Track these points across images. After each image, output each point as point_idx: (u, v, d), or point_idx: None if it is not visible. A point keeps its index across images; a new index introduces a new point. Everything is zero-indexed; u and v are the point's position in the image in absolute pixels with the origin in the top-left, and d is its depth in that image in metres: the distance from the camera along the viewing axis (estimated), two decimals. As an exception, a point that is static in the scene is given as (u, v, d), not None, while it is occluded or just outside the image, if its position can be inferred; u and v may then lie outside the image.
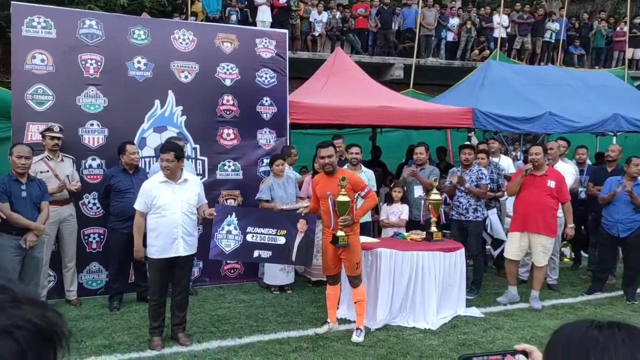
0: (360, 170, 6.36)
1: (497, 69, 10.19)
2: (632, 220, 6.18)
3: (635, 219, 6.17)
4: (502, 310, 5.86)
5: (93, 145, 6.08)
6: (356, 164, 6.43)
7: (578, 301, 6.28)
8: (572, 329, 1.00)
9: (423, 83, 13.18)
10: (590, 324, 0.98)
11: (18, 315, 0.73)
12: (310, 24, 14.23)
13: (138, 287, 5.94)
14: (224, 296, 6.21)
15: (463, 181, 6.15)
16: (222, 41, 6.70)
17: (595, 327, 0.97)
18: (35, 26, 5.83)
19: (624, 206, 6.21)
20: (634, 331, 0.94)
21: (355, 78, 8.65)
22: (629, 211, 6.17)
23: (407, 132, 10.84)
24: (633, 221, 6.18)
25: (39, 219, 4.95)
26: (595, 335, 0.95)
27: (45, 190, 5.10)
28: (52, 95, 5.89)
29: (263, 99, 6.89)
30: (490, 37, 15.30)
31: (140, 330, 5.02)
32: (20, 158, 4.79)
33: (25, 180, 4.89)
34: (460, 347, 4.74)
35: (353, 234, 4.85)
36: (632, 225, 6.18)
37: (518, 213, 6.05)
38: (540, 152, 5.84)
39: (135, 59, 6.23)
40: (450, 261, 5.48)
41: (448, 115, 8.24)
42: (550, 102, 9.10)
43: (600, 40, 16.28)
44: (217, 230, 4.86)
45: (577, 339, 0.97)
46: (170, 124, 6.40)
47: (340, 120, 7.63)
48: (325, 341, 4.82)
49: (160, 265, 4.58)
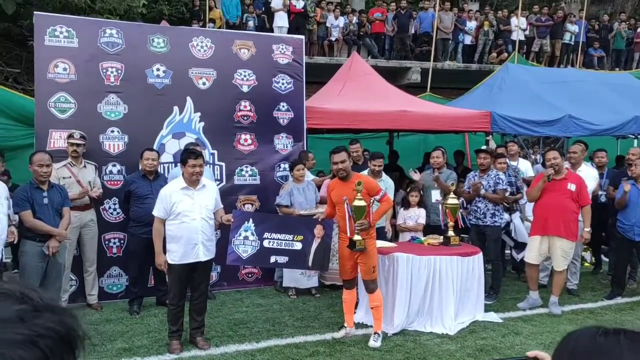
0: (380, 178, 6.34)
1: (515, 72, 10.10)
2: None
3: None
4: (521, 315, 5.81)
5: (113, 152, 6.19)
6: (377, 173, 6.40)
7: (598, 306, 6.20)
8: (579, 335, 1.01)
9: (440, 87, 13.14)
10: (597, 330, 0.99)
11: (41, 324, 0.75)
12: (327, 29, 14.30)
13: (157, 291, 6.03)
14: (241, 300, 6.26)
15: (478, 189, 6.13)
16: (239, 48, 6.77)
17: (602, 333, 0.98)
18: (57, 36, 5.96)
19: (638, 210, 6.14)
20: None
21: (372, 82, 8.65)
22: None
23: (425, 136, 10.80)
24: None
25: (61, 225, 5.04)
26: (602, 342, 0.96)
27: (66, 196, 5.19)
28: (74, 103, 6.01)
29: (280, 104, 6.95)
30: (508, 40, 15.21)
31: (159, 334, 5.08)
32: (42, 167, 4.89)
33: (47, 187, 4.99)
34: (478, 353, 4.71)
35: (369, 237, 4.86)
36: None
37: (538, 217, 6.01)
38: (557, 156, 5.80)
39: (154, 67, 6.34)
40: (468, 266, 5.45)
41: (465, 119, 8.20)
42: (570, 105, 9.00)
43: (620, 42, 16.07)
44: (234, 236, 4.90)
45: (583, 345, 0.98)
46: (188, 130, 6.49)
47: (357, 125, 7.64)
48: (343, 346, 4.83)
49: (180, 271, 4.63)
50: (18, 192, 4.96)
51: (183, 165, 4.62)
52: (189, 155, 4.64)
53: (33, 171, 4.95)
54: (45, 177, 4.94)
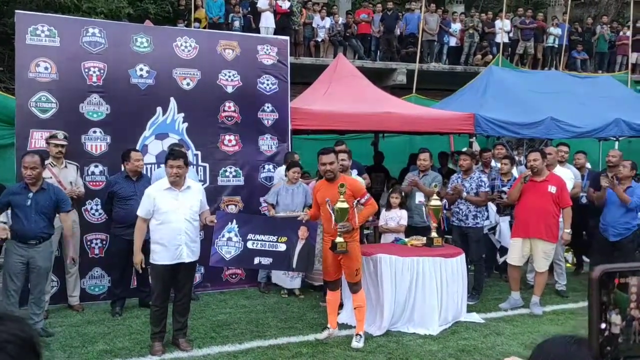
0: None
1: (498, 75, 10.21)
2: (622, 224, 6.24)
3: (627, 224, 6.22)
4: (503, 315, 5.86)
5: (96, 152, 6.14)
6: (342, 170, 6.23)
7: (579, 307, 6.26)
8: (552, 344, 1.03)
9: (426, 88, 13.20)
10: (570, 339, 1.01)
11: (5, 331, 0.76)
12: (313, 29, 14.29)
13: (140, 292, 5.99)
14: (225, 301, 6.24)
15: (460, 192, 6.19)
16: (223, 48, 6.76)
17: (575, 342, 0.99)
18: (39, 35, 5.90)
19: (615, 209, 6.27)
20: None
21: (357, 84, 8.68)
22: (619, 214, 6.23)
23: (410, 137, 10.85)
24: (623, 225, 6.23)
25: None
26: (574, 350, 0.97)
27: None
28: (56, 103, 5.95)
29: (264, 105, 6.94)
30: (493, 42, 15.33)
31: (141, 335, 5.05)
32: (26, 169, 4.76)
33: (36, 189, 4.85)
34: (459, 353, 4.75)
35: (352, 240, 4.87)
36: (622, 231, 6.24)
37: (519, 219, 6.07)
38: (538, 158, 5.85)
39: (137, 67, 6.30)
40: (450, 267, 5.49)
41: (449, 121, 8.26)
42: (552, 107, 9.10)
43: (603, 45, 16.27)
44: (217, 237, 4.88)
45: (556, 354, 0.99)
46: (171, 131, 6.46)
47: (342, 126, 7.67)
48: (325, 347, 4.84)
49: (163, 272, 4.61)
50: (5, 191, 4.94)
51: (165, 166, 4.63)
52: (168, 155, 4.68)
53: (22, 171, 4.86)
54: (30, 179, 4.79)
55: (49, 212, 4.92)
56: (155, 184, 4.79)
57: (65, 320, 5.50)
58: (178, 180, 4.59)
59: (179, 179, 4.58)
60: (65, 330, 5.20)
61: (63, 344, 4.84)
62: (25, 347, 0.79)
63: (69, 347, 4.78)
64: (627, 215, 6.27)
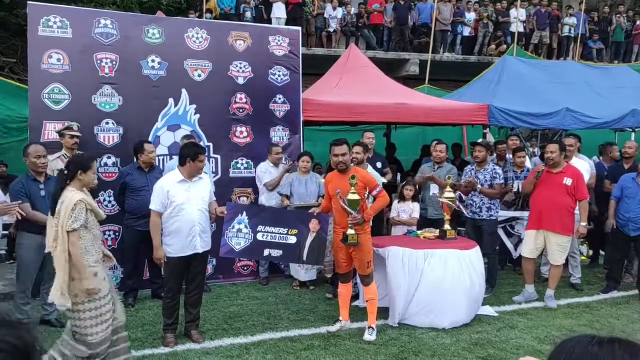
0: None
1: (513, 65, 10.07)
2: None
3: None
4: (517, 308, 5.81)
5: (108, 144, 6.15)
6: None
7: (594, 300, 6.19)
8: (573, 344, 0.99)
9: (439, 79, 13.09)
10: (591, 339, 0.97)
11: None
12: (325, 20, 14.20)
13: (152, 283, 6.02)
14: (237, 293, 6.25)
15: (474, 185, 6.11)
16: (235, 39, 6.72)
17: (596, 343, 0.96)
18: (51, 26, 5.90)
19: (635, 204, 6.13)
20: (634, 348, 0.93)
21: (369, 74, 8.61)
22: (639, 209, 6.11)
23: (422, 128, 10.77)
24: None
25: None
26: (595, 351, 0.94)
27: None
28: (68, 94, 5.96)
29: (276, 96, 6.91)
30: (507, 32, 15.13)
31: (153, 327, 5.07)
32: (39, 158, 4.81)
33: (44, 179, 4.91)
34: (473, 347, 4.71)
35: (364, 232, 4.84)
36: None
37: (534, 211, 5.99)
38: (555, 149, 5.75)
39: (149, 58, 6.28)
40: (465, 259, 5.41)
41: (463, 112, 8.17)
42: (568, 98, 8.97)
43: (620, 34, 16.00)
44: (227, 228, 4.88)
45: (577, 354, 0.96)
46: (183, 122, 6.45)
47: (354, 117, 7.61)
48: (337, 339, 4.82)
49: (177, 264, 4.62)
50: (14, 185, 4.87)
51: (192, 161, 4.55)
52: (201, 150, 4.66)
53: (30, 163, 4.84)
54: (43, 167, 4.86)
55: None
56: (167, 176, 4.76)
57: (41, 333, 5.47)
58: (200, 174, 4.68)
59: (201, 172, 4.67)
60: (79, 321, 5.23)
61: (76, 334, 4.87)
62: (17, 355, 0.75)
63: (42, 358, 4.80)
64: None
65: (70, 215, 3.63)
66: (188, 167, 4.57)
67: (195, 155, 4.55)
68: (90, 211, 3.78)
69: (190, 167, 4.57)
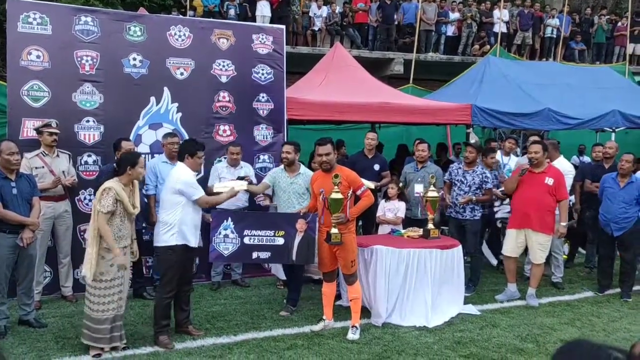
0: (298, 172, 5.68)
1: (496, 65, 10.15)
2: (623, 219, 6.18)
3: (627, 217, 6.17)
4: (499, 307, 5.85)
5: (89, 142, 6.06)
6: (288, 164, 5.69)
7: (575, 298, 6.26)
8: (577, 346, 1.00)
9: (423, 78, 13.13)
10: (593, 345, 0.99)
11: None
12: (310, 18, 14.18)
13: (134, 283, 5.93)
14: (219, 292, 6.21)
15: (471, 200, 6.13)
16: (218, 37, 6.66)
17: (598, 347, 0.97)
18: (30, 22, 5.80)
19: (615, 205, 6.20)
20: None
21: (354, 74, 8.62)
22: (620, 209, 6.17)
23: (407, 127, 10.80)
24: (625, 219, 6.18)
25: (32, 215, 4.85)
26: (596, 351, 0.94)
27: (34, 186, 4.99)
28: (48, 92, 5.87)
29: (259, 95, 6.87)
30: (491, 32, 15.24)
31: (134, 327, 5.02)
32: (12, 155, 4.69)
33: (15, 177, 4.78)
34: (455, 345, 4.73)
35: (348, 232, 4.83)
36: (624, 225, 6.19)
37: (515, 210, 6.05)
38: (539, 150, 5.80)
39: (130, 56, 6.21)
40: (447, 258, 5.45)
41: (446, 112, 8.20)
42: (549, 98, 9.06)
43: (601, 36, 16.20)
44: (214, 235, 4.97)
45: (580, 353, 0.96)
46: (165, 121, 6.38)
47: (339, 116, 7.60)
48: (321, 338, 4.81)
49: (183, 255, 4.64)
50: None
51: (191, 157, 4.68)
52: (200, 147, 4.77)
53: (3, 160, 4.68)
54: (16, 165, 4.74)
55: (30, 198, 4.88)
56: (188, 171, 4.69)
57: (58, 311, 5.46)
58: None
59: None
60: (59, 321, 5.16)
61: (56, 335, 4.81)
62: None
63: (62, 338, 4.74)
64: (629, 210, 6.19)
65: (100, 199, 4.23)
66: (187, 163, 4.69)
67: (194, 152, 4.69)
68: (120, 202, 4.26)
69: (189, 163, 4.70)
